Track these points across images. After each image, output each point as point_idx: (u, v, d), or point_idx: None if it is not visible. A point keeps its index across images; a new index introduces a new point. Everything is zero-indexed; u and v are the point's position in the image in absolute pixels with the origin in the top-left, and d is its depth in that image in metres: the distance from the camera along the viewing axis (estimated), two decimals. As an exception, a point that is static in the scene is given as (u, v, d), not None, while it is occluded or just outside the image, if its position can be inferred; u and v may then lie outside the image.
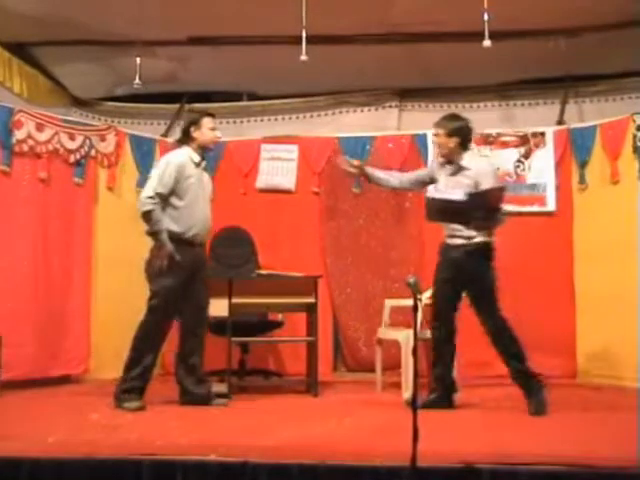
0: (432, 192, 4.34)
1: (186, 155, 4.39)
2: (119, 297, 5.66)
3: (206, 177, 4.50)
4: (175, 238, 4.26)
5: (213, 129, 4.43)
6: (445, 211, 4.21)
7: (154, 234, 4.25)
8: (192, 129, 4.41)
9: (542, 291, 5.64)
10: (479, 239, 4.26)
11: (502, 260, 5.55)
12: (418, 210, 5.86)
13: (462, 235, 4.27)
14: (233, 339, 4.80)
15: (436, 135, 4.39)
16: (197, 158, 4.41)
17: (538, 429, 3.68)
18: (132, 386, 4.28)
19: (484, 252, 4.30)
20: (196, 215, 4.35)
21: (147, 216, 4.24)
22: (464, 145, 4.34)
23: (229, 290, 4.71)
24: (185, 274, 4.30)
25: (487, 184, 4.25)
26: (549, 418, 4.06)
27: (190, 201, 4.32)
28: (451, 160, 4.35)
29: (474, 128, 4.42)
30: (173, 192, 4.28)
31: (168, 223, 4.27)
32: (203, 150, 4.45)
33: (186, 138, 4.43)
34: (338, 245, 6.04)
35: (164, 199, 4.26)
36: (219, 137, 4.50)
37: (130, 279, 5.66)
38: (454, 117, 4.46)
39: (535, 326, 5.49)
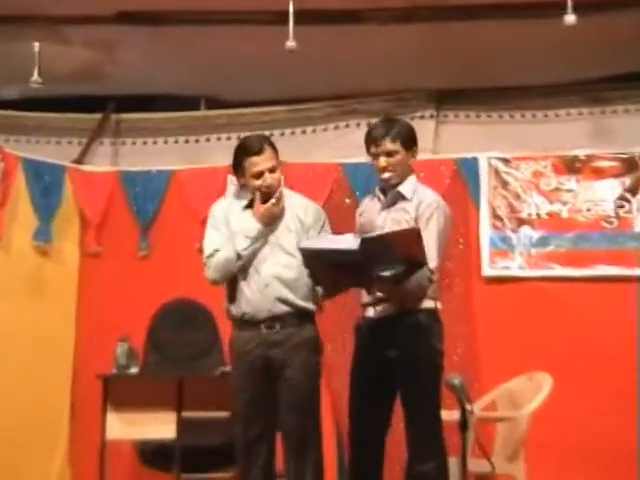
0: (305, 241, 4.19)
1: (224, 203, 4.51)
2: (12, 394, 5.61)
3: (283, 225, 4.41)
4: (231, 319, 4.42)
5: (259, 175, 4.29)
6: (331, 270, 3.97)
7: (242, 256, 4.35)
8: (237, 175, 4.42)
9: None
10: (419, 305, 4.07)
11: (596, 347, 5.66)
12: (464, 274, 5.91)
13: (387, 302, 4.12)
14: (183, 475, 4.85)
15: (393, 154, 4.14)
16: (244, 202, 4.44)
17: None
18: None
19: (427, 327, 4.08)
20: (243, 285, 4.35)
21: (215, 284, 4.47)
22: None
23: (178, 398, 4.84)
24: (246, 369, 4.25)
25: (423, 224, 4.02)
26: None
27: None
28: (393, 186, 4.20)
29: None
30: None
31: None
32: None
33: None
34: (340, 321, 5.75)
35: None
36: (268, 185, 4.32)
37: (29, 366, 5.69)
38: (393, 119, 4.36)
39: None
